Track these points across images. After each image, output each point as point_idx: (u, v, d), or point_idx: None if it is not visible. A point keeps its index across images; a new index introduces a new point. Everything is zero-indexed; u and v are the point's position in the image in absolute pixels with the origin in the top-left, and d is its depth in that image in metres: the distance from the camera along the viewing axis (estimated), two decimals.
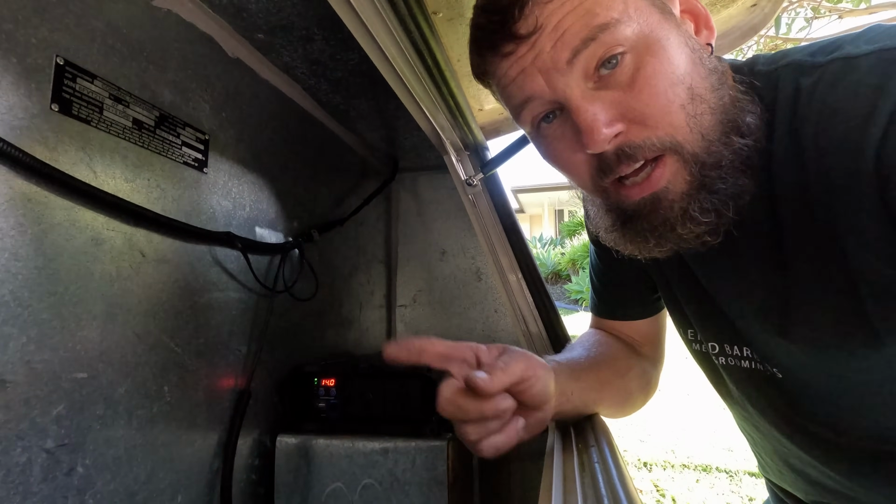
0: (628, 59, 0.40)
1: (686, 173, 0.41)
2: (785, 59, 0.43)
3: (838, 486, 0.53)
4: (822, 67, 0.40)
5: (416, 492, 0.73)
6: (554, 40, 0.40)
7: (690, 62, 0.41)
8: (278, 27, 0.74)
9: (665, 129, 0.40)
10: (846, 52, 0.39)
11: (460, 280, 1.38)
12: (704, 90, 0.41)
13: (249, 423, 0.76)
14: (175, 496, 0.63)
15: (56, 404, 0.49)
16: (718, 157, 0.41)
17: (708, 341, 0.56)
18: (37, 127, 0.48)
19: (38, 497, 0.47)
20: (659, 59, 0.39)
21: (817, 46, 0.42)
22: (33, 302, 0.47)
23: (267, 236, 0.85)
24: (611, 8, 0.39)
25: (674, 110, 0.40)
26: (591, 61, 0.40)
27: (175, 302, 0.64)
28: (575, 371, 0.54)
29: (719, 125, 0.41)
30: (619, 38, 0.39)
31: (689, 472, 3.14)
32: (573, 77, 0.41)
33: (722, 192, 0.41)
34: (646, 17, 0.40)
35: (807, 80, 0.40)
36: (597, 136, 0.40)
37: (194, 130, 0.68)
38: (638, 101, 0.40)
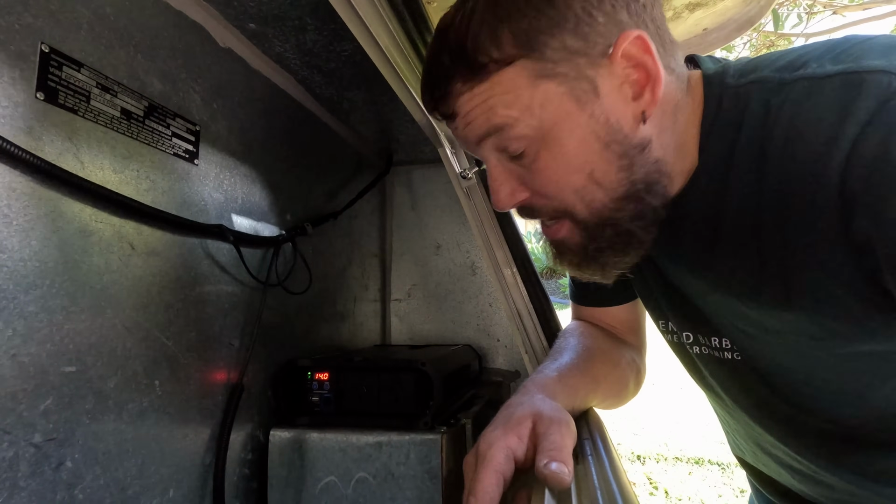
0: (527, 151, 0.44)
1: (578, 233, 0.48)
2: (753, 73, 0.43)
3: (807, 469, 0.55)
4: (789, 86, 0.39)
5: (410, 485, 0.73)
6: (464, 125, 0.46)
7: (594, 152, 0.43)
8: (270, 16, 0.73)
9: (559, 203, 0.46)
10: (812, 71, 0.39)
11: (455, 274, 1.38)
12: (607, 174, 0.44)
13: (242, 417, 0.76)
14: (167, 490, 0.62)
15: (44, 398, 0.48)
16: (602, 232, 0.47)
17: (682, 331, 0.57)
18: (21, 116, 0.47)
19: (26, 492, 0.46)
20: (554, 154, 0.44)
21: (785, 61, 0.42)
22: (19, 294, 0.46)
23: (259, 229, 0.84)
24: (511, 107, 0.42)
25: (567, 194, 0.45)
26: (495, 147, 0.46)
27: (166, 295, 0.63)
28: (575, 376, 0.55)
29: (616, 205, 0.45)
30: (514, 137, 0.43)
31: (682, 465, 3.17)
32: (485, 151, 0.47)
33: (602, 258, 0.48)
34: (552, 111, 0.42)
35: (774, 98, 0.40)
36: (499, 203, 0.49)
37: (185, 121, 0.67)
38: (535, 182, 0.46)
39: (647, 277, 0.59)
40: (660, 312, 0.61)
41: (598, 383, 0.57)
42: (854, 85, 0.35)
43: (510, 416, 0.43)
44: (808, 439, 0.52)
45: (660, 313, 0.61)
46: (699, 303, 0.53)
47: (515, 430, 0.41)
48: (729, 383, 0.57)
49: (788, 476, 0.59)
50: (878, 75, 0.34)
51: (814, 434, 0.52)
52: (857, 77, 0.35)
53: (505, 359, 1.32)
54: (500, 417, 0.44)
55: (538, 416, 0.42)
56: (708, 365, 0.58)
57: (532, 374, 0.54)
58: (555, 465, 0.36)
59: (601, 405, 0.60)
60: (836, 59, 0.38)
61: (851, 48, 0.38)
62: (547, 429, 0.41)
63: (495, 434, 0.41)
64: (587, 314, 0.72)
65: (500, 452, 0.39)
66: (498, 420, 0.44)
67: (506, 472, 0.39)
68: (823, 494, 0.56)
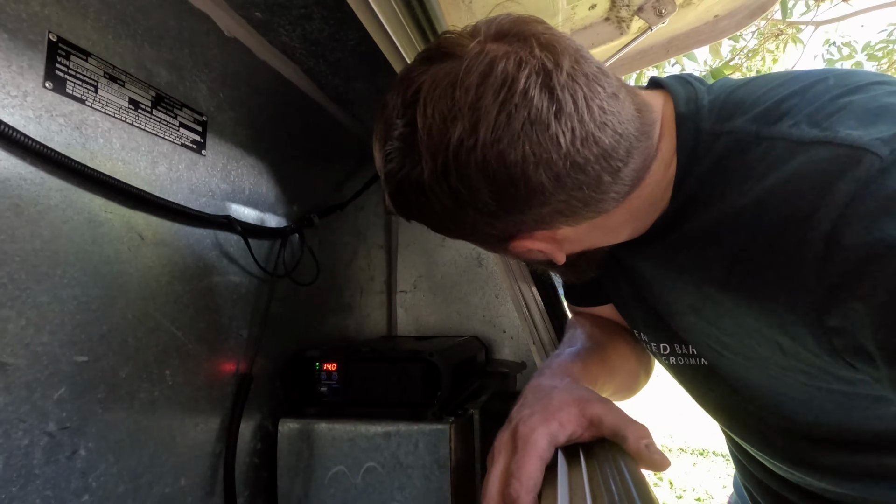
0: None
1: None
2: (729, 122, 0.41)
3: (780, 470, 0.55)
4: (767, 143, 0.38)
5: (419, 475, 0.73)
6: None
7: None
8: (276, 5, 0.72)
9: None
10: (787, 131, 0.37)
11: (461, 266, 1.37)
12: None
13: (251, 407, 0.76)
14: (178, 479, 0.63)
15: (57, 387, 0.48)
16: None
17: (658, 343, 0.57)
18: (30, 106, 0.47)
19: (41, 480, 0.46)
20: None
21: (760, 109, 0.40)
22: (31, 284, 0.46)
23: (267, 220, 0.84)
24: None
25: None
26: None
27: (175, 285, 0.63)
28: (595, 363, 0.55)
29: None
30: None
31: (687, 456, 3.18)
32: None
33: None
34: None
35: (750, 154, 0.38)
36: None
37: (192, 111, 0.66)
38: None
39: (621, 286, 0.58)
40: (633, 322, 0.60)
41: (613, 374, 0.57)
42: (832, 161, 0.33)
43: (549, 401, 0.42)
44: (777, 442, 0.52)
45: (633, 323, 0.61)
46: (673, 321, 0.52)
47: (557, 415, 0.40)
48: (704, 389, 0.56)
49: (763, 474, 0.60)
50: (858, 152, 0.32)
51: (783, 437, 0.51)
52: (834, 151, 0.33)
53: (511, 350, 1.32)
54: (537, 401, 0.43)
55: (582, 400, 0.42)
56: (682, 373, 0.57)
57: (551, 358, 0.54)
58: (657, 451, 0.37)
59: (613, 397, 0.60)
60: (812, 120, 0.36)
61: (828, 106, 0.36)
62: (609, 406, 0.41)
63: (536, 418, 0.40)
64: (585, 311, 0.71)
65: (544, 438, 0.39)
66: (535, 404, 0.43)
67: (547, 459, 0.39)
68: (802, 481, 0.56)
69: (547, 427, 0.40)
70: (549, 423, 0.40)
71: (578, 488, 0.34)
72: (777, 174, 0.36)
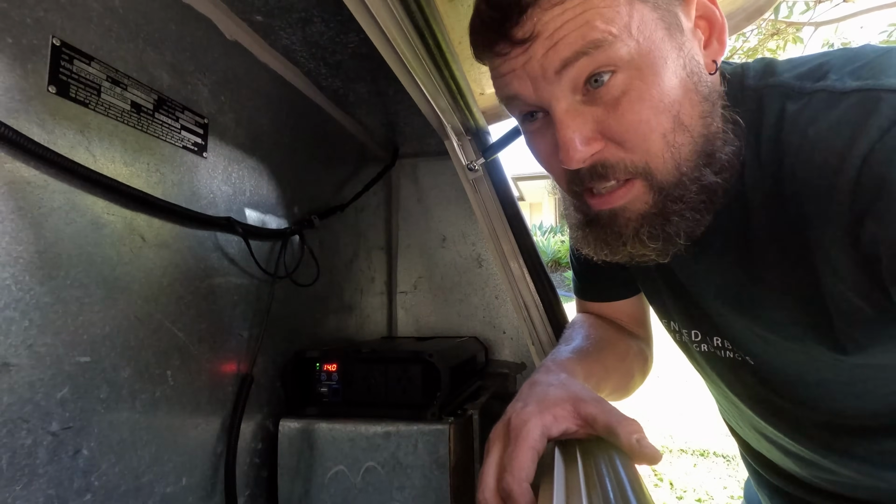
0: (618, 79, 0.39)
1: (648, 198, 0.42)
2: (773, 77, 0.43)
3: (808, 456, 0.56)
4: (809, 96, 0.40)
5: (418, 475, 0.74)
6: (547, 48, 0.39)
7: (684, 89, 0.40)
8: (277, 8, 0.73)
9: (641, 155, 0.41)
10: (831, 84, 0.39)
11: (461, 266, 1.38)
12: (691, 119, 0.41)
13: (252, 407, 0.77)
14: (180, 478, 0.63)
15: (60, 387, 0.49)
16: (684, 191, 0.42)
17: (689, 330, 0.58)
18: (34, 109, 0.47)
19: (44, 479, 0.47)
20: (648, 84, 0.39)
21: (806, 69, 0.42)
22: (35, 286, 0.47)
23: (268, 222, 0.84)
24: (612, 22, 0.37)
25: (654, 138, 0.40)
26: (580, 75, 0.39)
27: (176, 287, 0.64)
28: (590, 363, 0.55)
29: (697, 157, 0.42)
30: (611, 58, 0.38)
31: (687, 457, 3.18)
32: (560, 87, 0.40)
33: (675, 224, 0.43)
34: (648, 34, 0.38)
35: (792, 105, 0.40)
36: (572, 155, 0.40)
37: (193, 114, 0.67)
38: (620, 123, 0.40)
39: (656, 276, 0.58)
40: (665, 311, 0.61)
41: (608, 374, 0.57)
42: (870, 102, 0.36)
43: (544, 395, 0.43)
44: (809, 431, 0.53)
45: (665, 312, 0.61)
46: (708, 305, 0.53)
47: (551, 409, 0.41)
48: (731, 379, 0.57)
49: (790, 462, 0.60)
50: (893, 95, 0.35)
51: (814, 426, 0.52)
52: (874, 95, 0.36)
53: (511, 351, 1.32)
54: (531, 395, 0.43)
55: (576, 397, 0.42)
56: (711, 362, 0.58)
57: (549, 356, 0.54)
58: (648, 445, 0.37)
59: (609, 397, 0.60)
60: (856, 74, 0.38)
61: (871, 63, 0.39)
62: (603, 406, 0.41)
63: (530, 410, 0.41)
64: (592, 308, 0.72)
65: (537, 429, 0.39)
66: (529, 397, 0.43)
67: (540, 450, 0.39)
68: (824, 478, 0.57)
69: (540, 419, 0.40)
70: (542, 415, 0.40)
71: (574, 484, 0.35)
72: (817, 124, 0.38)
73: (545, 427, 0.40)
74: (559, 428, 0.41)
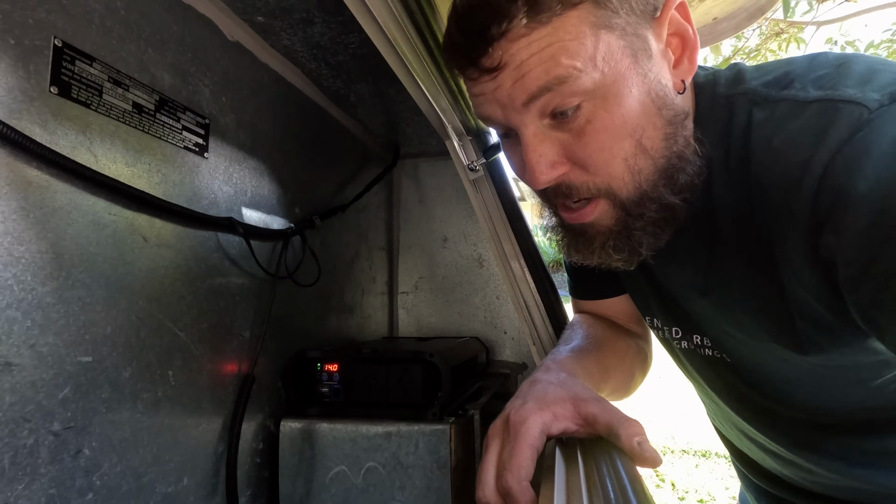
0: (582, 110, 0.41)
1: (612, 216, 0.45)
2: (742, 84, 0.44)
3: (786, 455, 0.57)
4: (774, 104, 0.41)
5: (419, 475, 0.74)
6: (514, 80, 0.40)
7: (646, 114, 0.42)
8: (278, 9, 0.73)
9: (603, 178, 0.43)
10: (795, 93, 0.40)
11: (462, 267, 1.38)
12: (653, 142, 0.42)
13: (253, 407, 0.77)
14: (181, 478, 0.63)
15: (62, 387, 0.49)
16: (644, 209, 0.44)
17: (670, 327, 0.59)
18: (36, 110, 0.47)
19: (46, 478, 0.47)
20: (611, 114, 0.41)
21: (772, 77, 0.43)
22: (37, 286, 0.47)
23: (269, 222, 0.84)
24: (576, 56, 0.38)
25: (616, 163, 0.42)
26: (546, 107, 0.41)
27: (178, 287, 0.64)
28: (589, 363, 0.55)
29: (658, 178, 0.44)
30: (575, 91, 0.40)
31: (689, 458, 3.17)
32: (528, 115, 0.42)
33: (638, 237, 0.46)
34: (613, 63, 0.40)
35: (759, 113, 0.41)
36: (537, 178, 0.43)
37: (194, 115, 0.67)
38: (584, 150, 0.42)
39: (638, 274, 0.59)
40: (647, 308, 0.61)
41: (608, 373, 0.57)
42: (830, 113, 0.37)
43: (544, 393, 0.43)
44: (783, 428, 0.54)
45: (647, 308, 0.62)
46: (686, 303, 0.54)
47: (551, 407, 0.41)
48: (711, 376, 0.58)
49: (770, 460, 0.61)
50: (851, 106, 0.36)
51: (788, 423, 0.53)
52: (833, 106, 0.37)
53: (512, 351, 1.32)
54: (530, 393, 0.43)
55: (577, 397, 0.42)
56: (692, 360, 0.59)
57: (548, 356, 0.54)
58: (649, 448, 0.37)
59: (609, 396, 0.60)
60: (818, 84, 0.40)
61: (831, 72, 0.40)
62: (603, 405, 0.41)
63: (529, 408, 0.41)
64: (588, 307, 0.72)
65: (536, 427, 0.39)
66: (528, 395, 0.43)
67: (539, 447, 0.39)
68: (803, 477, 0.58)
69: (540, 416, 0.40)
70: (542, 413, 0.40)
71: (575, 484, 0.35)
72: (781, 134, 0.39)
73: (545, 425, 0.40)
74: (559, 426, 0.41)
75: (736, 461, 0.72)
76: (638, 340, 0.68)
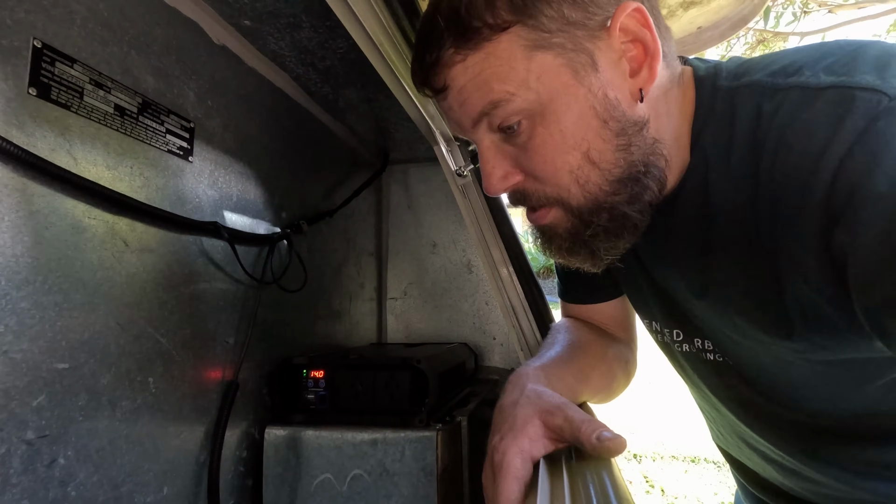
0: (524, 126, 0.43)
1: (566, 220, 0.47)
2: (746, 76, 0.43)
3: (789, 463, 0.56)
4: (783, 93, 0.39)
5: (406, 482, 0.73)
6: (459, 103, 0.44)
7: (590, 128, 0.42)
8: (265, 13, 0.73)
9: (553, 188, 0.45)
10: (805, 80, 0.39)
11: (451, 272, 1.38)
12: (603, 154, 0.43)
13: (237, 414, 0.76)
14: (161, 488, 0.62)
15: (36, 395, 0.48)
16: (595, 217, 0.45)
17: (670, 330, 0.58)
18: (13, 111, 0.46)
19: (18, 489, 0.46)
20: (550, 130, 0.42)
21: (778, 66, 0.42)
22: (11, 290, 0.46)
23: (255, 227, 0.84)
24: (507, 81, 0.41)
25: (562, 175, 0.44)
26: (492, 125, 0.44)
27: (160, 292, 0.63)
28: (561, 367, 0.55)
29: (613, 188, 0.44)
30: (511, 112, 0.42)
31: (678, 464, 3.18)
32: (479, 132, 0.45)
33: (593, 243, 0.47)
34: (548, 82, 0.41)
35: (768, 104, 0.40)
36: (491, 187, 0.47)
37: (179, 118, 0.67)
38: (530, 163, 0.44)
39: (637, 276, 0.59)
40: (647, 311, 0.61)
41: (585, 375, 0.57)
42: (845, 101, 0.35)
43: (514, 420, 0.42)
44: (789, 434, 0.53)
45: (647, 312, 0.61)
46: (686, 305, 0.53)
47: (523, 431, 0.41)
48: (713, 381, 0.57)
49: (772, 470, 0.60)
50: (869, 93, 0.35)
51: (793, 429, 0.52)
52: (849, 93, 0.35)
53: (501, 357, 1.32)
54: (503, 423, 0.43)
55: (543, 411, 0.42)
56: (693, 363, 0.58)
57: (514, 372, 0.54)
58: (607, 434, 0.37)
59: (592, 399, 0.60)
60: (830, 70, 0.38)
61: (845, 58, 0.38)
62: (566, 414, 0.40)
63: (505, 442, 0.41)
64: (575, 311, 0.72)
65: (516, 458, 0.39)
66: (502, 427, 0.43)
67: (524, 476, 0.39)
68: (806, 488, 0.57)
69: (517, 446, 0.40)
70: (517, 442, 0.40)
71: (559, 495, 0.34)
72: (793, 123, 0.38)
73: (523, 453, 0.40)
74: (537, 448, 0.40)
75: (736, 473, 0.71)
76: (619, 345, 0.68)
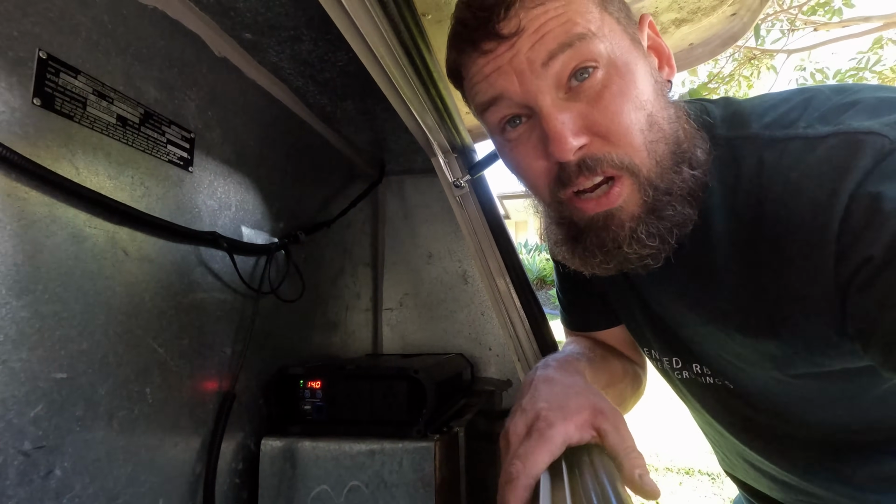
0: (599, 75, 0.42)
1: (639, 197, 0.44)
2: (744, 129, 0.45)
3: (791, 480, 0.56)
4: (783, 143, 0.42)
5: (403, 493, 0.73)
6: (533, 42, 0.42)
7: (653, 91, 0.44)
8: (266, 27, 0.74)
9: (625, 149, 0.42)
10: (804, 132, 0.41)
11: (447, 283, 1.38)
12: (662, 120, 0.44)
13: (234, 425, 0.75)
14: (156, 500, 0.61)
15: (34, 405, 0.47)
16: (670, 184, 0.44)
17: (669, 357, 0.59)
18: (18, 121, 0.47)
19: (14, 501, 0.45)
20: (626, 81, 0.42)
21: (771, 118, 0.44)
22: (11, 299, 0.46)
23: (253, 237, 0.84)
24: (590, 21, 0.42)
25: (634, 132, 0.42)
26: (565, 68, 0.42)
27: (158, 302, 0.63)
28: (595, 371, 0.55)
29: (672, 155, 0.44)
30: (593, 51, 0.41)
31: (673, 475, 3.17)
32: (546, 82, 0.42)
33: (669, 218, 0.44)
34: (618, 39, 0.43)
35: (770, 155, 0.42)
36: (564, 145, 0.42)
37: (179, 129, 0.67)
38: (603, 116, 0.42)
39: (632, 306, 0.59)
40: (644, 339, 0.62)
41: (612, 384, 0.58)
42: (850, 145, 0.38)
43: (566, 400, 0.43)
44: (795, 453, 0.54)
45: (644, 340, 0.62)
46: (685, 333, 0.54)
47: (574, 418, 0.41)
48: (713, 405, 0.58)
49: (778, 490, 0.61)
50: (874, 137, 0.37)
51: (800, 447, 0.53)
52: (854, 138, 0.38)
53: (497, 368, 1.32)
54: (552, 396, 0.44)
55: (597, 409, 0.42)
56: (692, 389, 0.59)
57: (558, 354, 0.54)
58: (649, 478, 0.38)
59: None
60: (825, 120, 0.41)
61: (836, 108, 0.41)
62: (618, 425, 0.41)
63: (556, 415, 0.41)
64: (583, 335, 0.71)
65: (560, 437, 0.40)
66: (551, 399, 0.43)
67: (556, 456, 0.40)
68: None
69: (565, 427, 0.41)
70: (567, 424, 0.41)
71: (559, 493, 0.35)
72: (799, 169, 0.40)
73: (567, 436, 0.40)
74: (577, 437, 0.41)
75: (746, 494, 0.71)
76: (634, 366, 0.68)
